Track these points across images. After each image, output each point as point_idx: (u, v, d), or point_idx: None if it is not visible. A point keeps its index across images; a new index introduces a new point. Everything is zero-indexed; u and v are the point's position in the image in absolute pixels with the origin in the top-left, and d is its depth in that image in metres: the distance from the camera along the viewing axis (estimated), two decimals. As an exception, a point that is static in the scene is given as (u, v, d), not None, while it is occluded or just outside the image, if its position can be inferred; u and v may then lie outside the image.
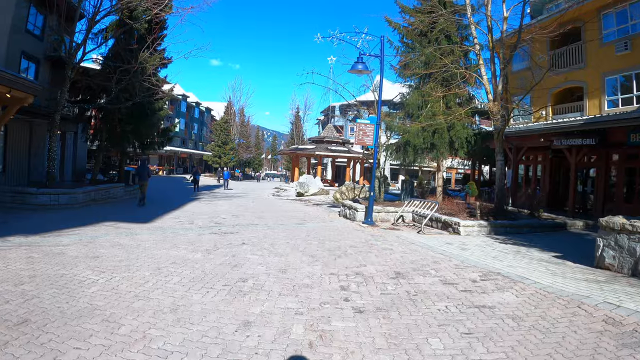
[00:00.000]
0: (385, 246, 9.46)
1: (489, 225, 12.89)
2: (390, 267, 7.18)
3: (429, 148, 15.96)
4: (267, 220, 13.77)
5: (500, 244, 10.87)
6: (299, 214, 16.52)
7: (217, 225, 11.88)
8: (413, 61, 16.71)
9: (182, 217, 13.60)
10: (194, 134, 73.77)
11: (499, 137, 15.57)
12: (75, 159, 24.71)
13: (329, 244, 9.39)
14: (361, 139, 13.73)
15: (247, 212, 16.30)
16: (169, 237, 9.51)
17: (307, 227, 12.47)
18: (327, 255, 7.90)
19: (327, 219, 15.25)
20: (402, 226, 13.94)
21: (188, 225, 11.73)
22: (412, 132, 15.42)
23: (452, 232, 12.56)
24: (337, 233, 11.38)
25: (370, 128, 13.85)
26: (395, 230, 12.74)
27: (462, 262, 8.10)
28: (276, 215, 15.53)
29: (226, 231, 10.66)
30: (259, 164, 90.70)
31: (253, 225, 12.17)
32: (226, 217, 14.12)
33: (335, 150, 37.73)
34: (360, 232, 11.92)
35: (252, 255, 7.61)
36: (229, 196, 25.16)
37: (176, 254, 7.57)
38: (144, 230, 10.41)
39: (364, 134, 13.77)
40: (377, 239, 10.66)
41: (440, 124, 15.48)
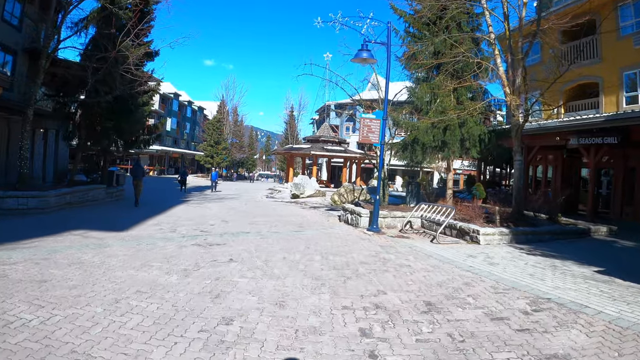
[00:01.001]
0: (401, 261, 7.98)
1: (510, 233, 11.50)
2: (416, 293, 5.70)
3: (440, 146, 14.52)
4: (261, 226, 12.26)
5: (528, 255, 9.51)
6: (296, 218, 15.02)
7: (203, 234, 10.34)
8: (421, 52, 15.26)
9: (165, 223, 12.05)
10: (186, 134, 71.98)
11: (517, 134, 14.20)
12: (56, 159, 23.03)
13: (334, 259, 7.89)
14: (366, 136, 12.26)
15: (239, 216, 14.76)
16: (143, 250, 7.97)
17: (306, 235, 10.97)
18: (334, 277, 6.40)
19: (326, 224, 13.76)
20: (411, 233, 12.51)
21: (170, 233, 10.19)
22: (421, 128, 13.97)
23: (469, 241, 11.15)
24: (341, 243, 9.89)
25: (376, 124, 12.38)
26: (404, 239, 11.30)
27: (498, 282, 6.67)
28: (270, 220, 14.02)
29: (212, 242, 9.12)
30: (252, 165, 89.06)
31: (244, 233, 10.64)
32: (214, 223, 12.58)
33: (332, 150, 36.28)
34: (367, 241, 10.44)
35: (241, 278, 6.08)
36: (220, 198, 23.59)
37: (145, 276, 6.03)
38: (116, 241, 8.86)
39: (369, 130, 12.30)
40: (389, 250, 9.19)
41: (452, 120, 14.06)
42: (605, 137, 15.41)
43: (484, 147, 15.34)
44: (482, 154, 15.35)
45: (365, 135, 12.26)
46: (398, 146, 15.21)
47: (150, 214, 13.84)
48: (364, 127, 12.27)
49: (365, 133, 12.26)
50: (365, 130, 12.27)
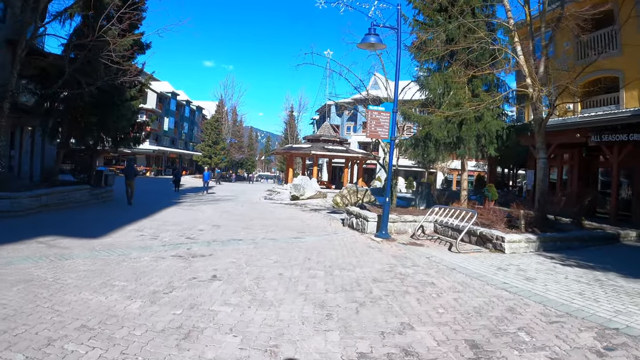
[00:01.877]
0: (422, 278, 6.63)
1: (537, 239, 10.17)
2: (452, 327, 4.34)
3: (454, 143, 13.16)
4: (256, 232, 10.90)
5: (563, 266, 8.22)
6: (295, 222, 13.67)
7: (188, 241, 8.99)
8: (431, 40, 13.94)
9: (148, 228, 10.70)
10: (184, 134, 70.64)
11: (541, 129, 12.89)
12: (43, 158, 21.72)
13: (342, 274, 6.53)
14: (374, 131, 10.91)
15: (232, 220, 13.41)
16: (111, 263, 6.62)
17: (306, 243, 9.61)
18: (343, 302, 5.04)
19: (329, 229, 12.41)
20: (424, 240, 11.18)
21: (150, 241, 8.84)
22: (434, 123, 12.61)
23: (492, 249, 9.81)
24: (347, 253, 8.54)
25: (385, 117, 11.04)
26: (418, 247, 9.97)
27: (546, 306, 5.36)
28: (267, 224, 12.67)
29: (196, 252, 7.76)
30: (251, 165, 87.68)
31: (236, 241, 9.28)
32: (204, 228, 11.23)
33: (333, 150, 34.90)
34: (377, 250, 9.09)
35: (223, 305, 4.71)
36: (215, 200, 22.24)
37: (101, 302, 4.69)
38: (84, 251, 7.52)
39: (377, 124, 10.96)
40: (404, 262, 7.83)
41: (468, 114, 12.71)
42: (631, 133, 14.14)
43: (501, 144, 13.98)
44: (500, 151, 13.99)
45: (373, 129, 10.91)
46: (407, 143, 13.86)
47: (134, 218, 12.50)
48: (371, 120, 10.93)
49: (374, 127, 10.91)
50: (374, 124, 10.92)
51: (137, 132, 19.35)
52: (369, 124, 10.93)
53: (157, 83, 62.57)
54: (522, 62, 13.01)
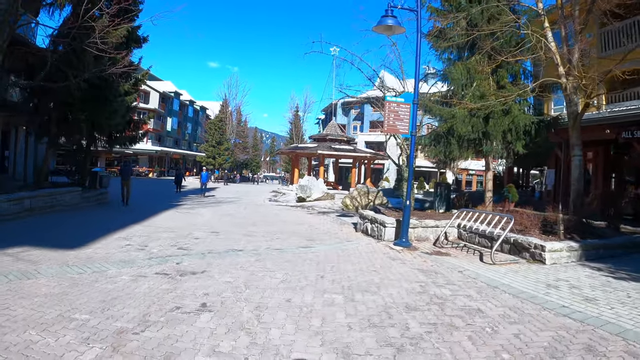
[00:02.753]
0: (464, 301, 5.33)
1: (579, 248, 8.82)
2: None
3: (480, 139, 11.82)
4: (258, 240, 9.63)
5: (616, 279, 6.98)
6: (303, 227, 12.39)
7: (180, 253, 7.73)
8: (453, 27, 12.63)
9: (138, 235, 9.47)
10: (187, 134, 69.59)
11: (575, 124, 11.59)
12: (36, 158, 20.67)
13: (365, 300, 5.22)
14: (392, 125, 9.61)
15: (233, 225, 12.15)
16: (79, 285, 5.38)
17: (318, 253, 8.31)
18: (374, 347, 3.73)
19: (341, 235, 11.12)
20: (449, 248, 9.88)
21: (135, 253, 7.59)
22: (458, 116, 11.28)
23: (530, 260, 8.49)
24: (366, 267, 7.24)
25: (405, 109, 9.74)
26: (445, 256, 8.68)
27: (627, 339, 4.24)
28: (272, 230, 11.40)
29: (186, 268, 6.49)
30: (256, 166, 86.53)
31: (235, 252, 8.00)
32: (201, 235, 9.97)
33: (340, 149, 33.60)
34: (399, 262, 7.79)
35: (211, 356, 3.42)
36: (217, 202, 21.00)
37: (45, 348, 3.44)
38: (53, 266, 6.29)
39: (396, 117, 9.65)
40: (436, 279, 6.53)
41: (494, 107, 11.39)
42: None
43: (529, 140, 12.63)
44: (528, 148, 12.63)
45: (391, 123, 9.61)
46: (427, 140, 12.55)
47: (125, 223, 11.28)
48: (389, 113, 9.62)
49: (392, 121, 9.61)
50: (392, 117, 9.62)
51: (133, 130, 18.15)
52: (386, 117, 9.63)
53: (159, 83, 61.59)
54: (554, 49, 11.70)
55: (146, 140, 52.70)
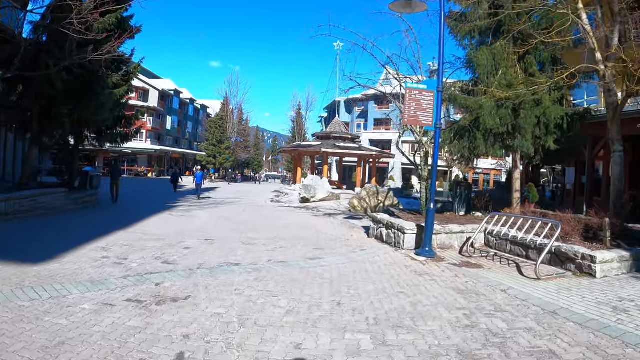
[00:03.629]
0: (529, 340, 4.00)
1: (630, 257, 7.53)
2: None
3: (509, 133, 10.47)
4: (258, 249, 8.32)
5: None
6: (309, 233, 11.08)
7: (163, 269, 6.41)
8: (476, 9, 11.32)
9: (119, 245, 8.17)
10: (187, 133, 68.31)
11: (615, 116, 10.25)
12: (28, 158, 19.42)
13: (400, 341, 3.87)
14: (413, 115, 8.28)
15: (231, 230, 10.84)
16: (23, 320, 4.08)
17: (329, 268, 6.99)
18: None
19: (352, 242, 9.80)
20: (477, 257, 8.59)
21: (109, 268, 6.29)
22: (485, 107, 9.94)
23: (576, 272, 7.21)
24: (390, 286, 5.91)
25: (428, 97, 8.42)
26: (475, 269, 7.42)
27: None
28: (274, 236, 10.09)
29: (167, 292, 5.17)
30: (258, 165, 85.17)
31: (230, 267, 6.68)
32: (192, 244, 8.66)
33: (344, 148, 32.26)
34: (428, 279, 6.47)
35: None
36: (216, 203, 19.69)
37: None
38: (2, 290, 5.00)
39: (418, 106, 8.32)
40: (479, 303, 5.21)
41: (525, 96, 10.06)
42: None
43: (560, 135, 11.28)
44: (560, 143, 11.28)
45: (412, 114, 8.27)
46: (447, 134, 11.20)
47: (109, 229, 9.99)
48: (410, 102, 8.29)
49: (413, 111, 8.28)
50: (413, 106, 8.29)
51: (125, 126, 16.86)
52: (406, 107, 8.29)
53: (159, 81, 60.33)
54: (589, 32, 10.38)
55: (145, 139, 51.52)
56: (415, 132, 10.99)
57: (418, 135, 10.83)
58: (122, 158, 50.13)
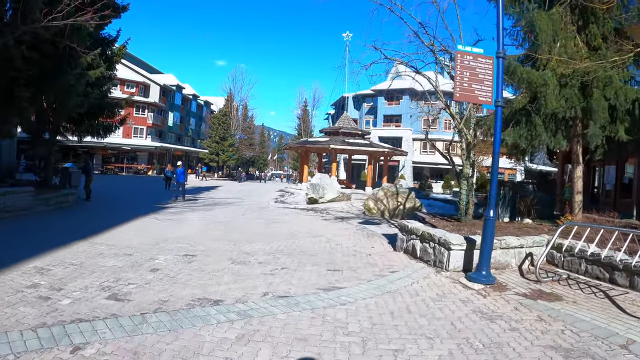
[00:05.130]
0: None
1: None
2: None
3: (576, 117, 8.20)
4: (253, 272, 6.10)
5: None
6: (320, 245, 8.85)
7: (103, 311, 4.21)
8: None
9: (65, 264, 6.01)
10: (190, 130, 66.23)
11: None
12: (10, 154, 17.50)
13: None
14: (468, 89, 6.03)
15: (222, 240, 8.64)
16: None
17: (354, 309, 4.73)
18: None
19: (377, 260, 7.55)
20: (549, 282, 6.37)
21: (27, 308, 4.12)
22: (550, 84, 7.68)
23: None
24: (456, 347, 3.69)
25: (485, 65, 6.18)
26: (554, 301, 5.25)
27: None
28: (275, 249, 7.89)
29: None
30: (263, 164, 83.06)
31: (205, 307, 4.42)
32: (165, 261, 6.46)
33: (354, 144, 29.99)
34: (504, 325, 4.23)
35: None
36: (213, 204, 17.50)
37: None
38: None
39: (473, 77, 6.08)
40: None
41: (595, 71, 7.78)
42: None
43: (630, 123, 8.98)
44: (632, 134, 8.98)
45: (465, 87, 6.03)
46: (490, 119, 8.94)
47: (69, 238, 7.84)
48: (462, 71, 6.04)
49: (467, 83, 6.04)
50: (466, 77, 6.04)
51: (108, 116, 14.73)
52: (457, 78, 6.05)
53: (160, 75, 58.29)
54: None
55: (145, 136, 49.51)
56: (456, 117, 8.71)
57: (458, 121, 8.56)
58: (122, 154, 48.19)
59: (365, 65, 8.73)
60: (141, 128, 49.10)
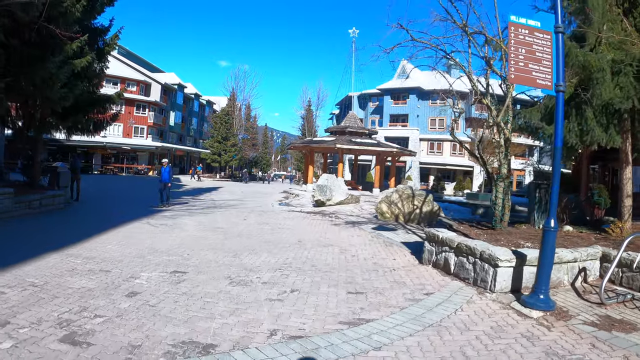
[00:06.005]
0: None
1: None
2: None
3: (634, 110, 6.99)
4: (255, 298, 4.91)
5: None
6: (333, 255, 7.65)
7: (65, 356, 3.07)
8: None
9: (22, 286, 4.85)
10: (192, 130, 65.14)
11: None
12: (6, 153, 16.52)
13: None
14: (524, 69, 4.85)
15: (220, 251, 7.45)
16: None
17: (393, 356, 3.58)
18: None
19: (404, 276, 6.34)
20: (614, 304, 5.23)
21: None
22: (607, 72, 6.47)
23: None
24: None
25: (543, 41, 5.01)
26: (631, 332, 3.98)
27: None
28: (282, 263, 6.71)
29: None
30: (266, 164, 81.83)
31: (193, 357, 3.31)
32: (147, 282, 5.29)
33: (361, 144, 28.79)
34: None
35: None
36: (214, 206, 16.33)
37: None
38: None
39: (529, 55, 4.90)
40: None
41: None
42: None
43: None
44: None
45: (521, 67, 4.84)
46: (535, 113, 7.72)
47: (36, 251, 6.68)
48: (517, 47, 4.86)
49: (522, 63, 4.85)
50: (522, 54, 4.86)
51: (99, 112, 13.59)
52: (512, 56, 4.86)
53: (162, 74, 57.20)
54: None
55: (146, 135, 48.42)
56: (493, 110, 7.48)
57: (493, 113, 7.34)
58: (122, 154, 47.12)
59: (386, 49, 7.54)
60: (142, 127, 48.05)
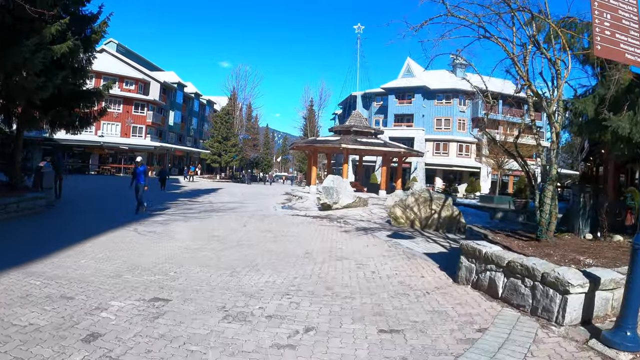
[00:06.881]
0: None
1: None
2: None
3: None
4: (259, 341, 3.70)
5: None
6: (350, 274, 6.44)
7: None
8: None
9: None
10: (192, 130, 63.95)
11: None
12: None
13: None
14: (611, 40, 3.68)
15: (215, 268, 6.25)
16: None
17: None
18: None
19: (440, 302, 5.11)
20: None
21: None
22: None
23: None
24: None
25: (629, 6, 3.81)
26: None
27: None
28: (289, 285, 5.51)
29: None
30: (267, 165, 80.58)
31: None
32: (121, 312, 4.08)
33: (367, 144, 27.59)
34: None
35: None
36: (212, 210, 15.12)
37: None
38: None
39: (616, 23, 3.71)
40: None
41: None
42: None
43: None
44: None
45: (607, 36, 3.67)
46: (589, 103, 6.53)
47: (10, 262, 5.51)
48: (603, 12, 3.69)
49: (609, 30, 3.68)
50: (608, 21, 3.69)
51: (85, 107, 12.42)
52: (597, 22, 3.69)
53: (161, 73, 56.01)
54: None
55: (145, 135, 47.24)
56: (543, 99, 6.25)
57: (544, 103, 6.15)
58: (120, 155, 45.97)
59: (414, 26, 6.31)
60: (140, 127, 46.90)
